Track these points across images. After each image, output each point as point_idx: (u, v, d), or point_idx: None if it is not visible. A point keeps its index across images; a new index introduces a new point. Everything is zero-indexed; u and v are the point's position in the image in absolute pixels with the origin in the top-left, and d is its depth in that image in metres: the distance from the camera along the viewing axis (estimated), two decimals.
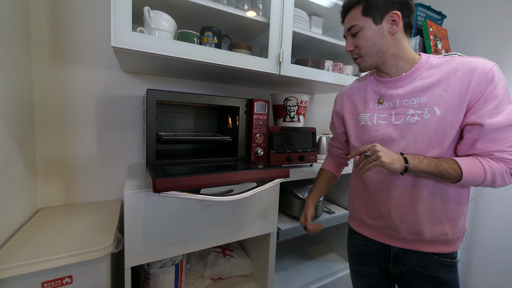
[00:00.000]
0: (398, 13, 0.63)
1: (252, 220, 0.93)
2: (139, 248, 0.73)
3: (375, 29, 0.65)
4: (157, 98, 0.80)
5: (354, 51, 0.71)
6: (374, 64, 0.70)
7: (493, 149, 0.57)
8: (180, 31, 0.87)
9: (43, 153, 0.94)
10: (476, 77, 0.57)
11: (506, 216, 1.52)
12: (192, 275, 1.07)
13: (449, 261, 0.67)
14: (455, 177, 0.58)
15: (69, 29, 0.94)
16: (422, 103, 0.64)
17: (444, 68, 0.63)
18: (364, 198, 0.78)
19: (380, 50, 0.67)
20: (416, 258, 0.70)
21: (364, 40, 0.67)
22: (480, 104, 0.57)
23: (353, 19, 0.68)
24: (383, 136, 0.69)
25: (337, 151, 0.93)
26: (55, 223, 0.83)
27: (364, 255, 0.81)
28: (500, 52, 1.53)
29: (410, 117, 0.65)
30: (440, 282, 0.67)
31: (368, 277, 0.80)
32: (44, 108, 0.93)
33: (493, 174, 0.56)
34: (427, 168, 0.59)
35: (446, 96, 0.60)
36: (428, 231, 0.66)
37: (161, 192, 0.58)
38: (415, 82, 0.65)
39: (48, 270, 0.64)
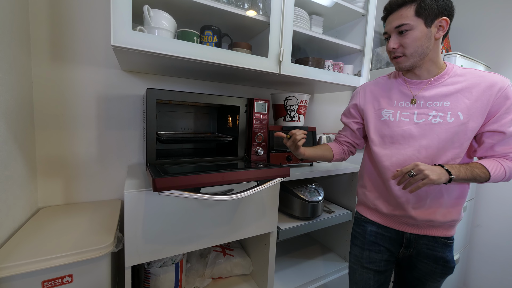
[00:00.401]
0: (447, 19, 0.68)
1: (252, 220, 0.93)
2: (139, 247, 0.73)
3: (425, 32, 0.68)
4: (157, 97, 0.79)
5: (398, 50, 0.73)
6: (413, 64, 0.73)
7: (508, 151, 0.69)
8: (180, 30, 0.87)
9: (43, 153, 0.94)
10: (495, 91, 0.67)
11: (505, 216, 1.52)
12: (192, 274, 1.07)
13: (450, 242, 0.78)
14: (485, 179, 0.68)
15: (68, 28, 0.94)
16: (445, 106, 0.71)
17: (468, 78, 0.70)
18: (380, 189, 0.84)
19: (424, 53, 0.71)
20: (426, 242, 0.79)
21: (412, 40, 0.69)
22: (502, 115, 0.67)
23: (404, 17, 0.69)
24: (403, 132, 0.76)
25: (343, 138, 0.98)
26: (55, 222, 0.83)
27: (378, 241, 0.86)
28: (501, 51, 1.53)
29: (432, 118, 0.72)
30: (444, 260, 0.78)
31: (378, 263, 0.85)
32: (44, 107, 0.93)
33: (510, 172, 0.68)
34: (465, 175, 0.67)
35: (470, 104, 0.68)
36: (440, 218, 0.75)
37: (161, 191, 0.58)
38: (441, 87, 0.72)
39: (48, 269, 0.64)
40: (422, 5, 0.66)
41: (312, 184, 1.19)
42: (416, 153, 0.74)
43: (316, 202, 1.12)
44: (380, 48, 1.61)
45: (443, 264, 0.78)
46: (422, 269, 0.81)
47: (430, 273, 0.80)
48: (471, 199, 1.57)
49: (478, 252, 1.64)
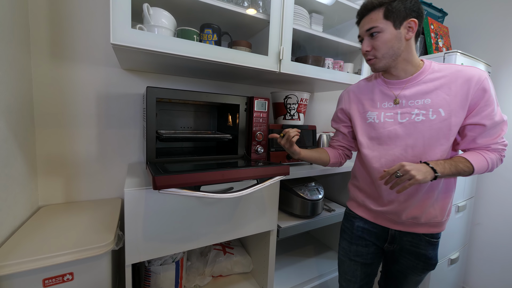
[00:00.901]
0: (416, 21, 0.70)
1: (252, 218, 0.93)
2: (140, 246, 0.73)
3: (394, 33, 0.70)
4: (157, 95, 0.79)
5: (370, 52, 0.75)
6: (387, 65, 0.75)
7: (490, 142, 0.70)
8: (179, 28, 0.87)
9: (43, 151, 0.94)
10: (473, 85, 0.68)
11: (506, 214, 1.52)
12: (192, 272, 1.07)
13: (435, 241, 0.80)
14: (469, 172, 0.69)
15: (68, 27, 0.94)
16: (426, 104, 0.72)
17: (445, 74, 0.72)
18: (369, 188, 0.85)
19: (395, 53, 0.72)
20: (410, 239, 0.81)
21: (382, 42, 0.71)
22: (481, 108, 0.68)
23: (374, 21, 0.71)
24: (389, 133, 0.77)
25: (337, 143, 0.98)
26: (56, 220, 0.83)
27: (365, 236, 0.88)
28: (501, 50, 1.52)
29: (415, 116, 0.73)
30: (425, 257, 0.80)
31: (365, 256, 0.88)
32: (44, 106, 0.93)
33: (492, 163, 0.70)
34: (450, 171, 0.68)
35: (450, 99, 0.70)
36: (424, 216, 0.76)
37: (161, 189, 0.58)
38: (420, 85, 0.74)
39: (49, 267, 0.64)
40: (390, 8, 0.69)
41: (312, 182, 1.20)
42: (403, 153, 0.75)
43: (316, 201, 1.12)
44: None
45: (424, 260, 0.80)
46: (404, 263, 0.83)
47: (411, 267, 0.82)
48: (471, 197, 1.57)
49: (478, 250, 1.64)
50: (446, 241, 1.41)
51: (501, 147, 0.71)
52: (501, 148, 0.71)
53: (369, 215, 0.87)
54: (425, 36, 1.43)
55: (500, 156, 0.71)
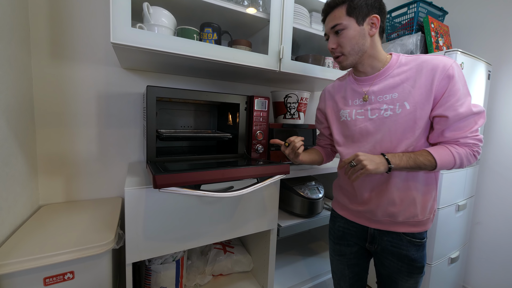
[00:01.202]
0: (378, 17, 0.71)
1: (253, 217, 0.93)
2: (140, 244, 0.73)
3: (358, 30, 0.71)
4: (157, 95, 0.79)
5: (336, 49, 0.75)
6: (354, 62, 0.75)
7: (458, 136, 0.66)
8: (179, 27, 0.87)
9: (43, 150, 0.94)
10: (438, 74, 0.65)
11: (506, 214, 1.52)
12: (193, 271, 1.08)
13: (418, 241, 0.76)
14: (431, 166, 0.66)
15: (68, 26, 0.94)
16: (394, 98, 0.71)
17: (412, 66, 0.70)
18: (347, 186, 0.85)
19: (361, 50, 0.72)
20: (390, 238, 0.78)
21: (347, 39, 0.71)
22: (445, 98, 0.65)
23: (337, 18, 0.71)
24: (361, 130, 0.77)
25: (323, 142, 0.99)
26: (57, 219, 0.84)
27: (345, 236, 0.88)
28: (502, 49, 1.52)
29: (384, 112, 0.72)
30: (408, 259, 0.76)
31: (349, 256, 0.88)
32: (44, 105, 0.93)
33: (460, 159, 0.66)
34: (407, 164, 0.67)
35: (414, 91, 0.68)
36: (401, 214, 0.74)
37: (162, 188, 0.59)
38: (388, 80, 0.72)
39: (50, 266, 0.64)
40: (352, 4, 0.69)
41: (313, 181, 1.20)
42: (372, 149, 0.75)
43: (316, 200, 1.12)
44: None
45: (408, 263, 0.75)
46: (389, 266, 0.79)
47: (396, 271, 0.78)
48: (471, 196, 1.57)
49: (478, 249, 1.64)
50: (446, 240, 1.41)
51: (472, 142, 0.66)
52: (472, 142, 0.66)
53: (348, 214, 0.86)
54: (425, 35, 1.43)
55: (472, 151, 0.67)
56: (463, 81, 0.66)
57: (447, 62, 0.66)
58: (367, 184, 0.78)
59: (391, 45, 1.52)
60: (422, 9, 1.47)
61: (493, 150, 1.58)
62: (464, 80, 0.66)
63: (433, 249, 1.34)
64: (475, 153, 0.67)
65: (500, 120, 1.55)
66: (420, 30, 1.48)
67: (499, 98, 1.56)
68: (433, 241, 1.34)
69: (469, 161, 0.67)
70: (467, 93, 0.66)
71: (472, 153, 0.67)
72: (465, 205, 1.49)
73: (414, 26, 1.47)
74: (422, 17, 1.46)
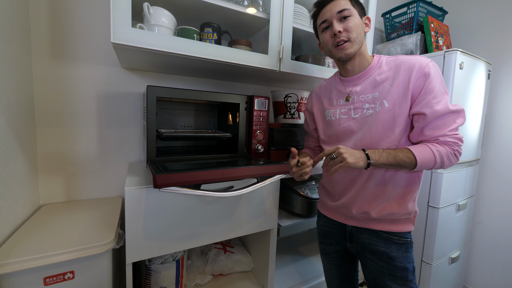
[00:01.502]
0: (370, 18, 0.76)
1: (253, 217, 0.93)
2: (140, 244, 0.74)
3: (360, 21, 0.73)
4: (157, 94, 0.79)
5: (343, 34, 0.72)
6: (355, 53, 0.73)
7: (438, 134, 0.66)
8: (179, 27, 0.87)
9: (44, 150, 0.94)
10: (415, 72, 0.67)
11: (506, 213, 1.52)
12: (193, 271, 1.08)
13: (397, 239, 0.74)
14: (411, 164, 0.65)
15: (68, 26, 0.94)
16: (375, 97, 0.72)
17: (391, 66, 0.72)
18: (327, 184, 0.87)
19: (361, 41, 0.73)
20: (367, 236, 0.77)
21: (354, 25, 0.71)
22: (422, 96, 0.66)
23: (345, 4, 0.72)
24: (344, 129, 0.78)
25: (312, 144, 0.99)
26: (57, 219, 0.84)
27: (328, 235, 0.89)
28: (502, 48, 1.52)
29: (366, 111, 0.74)
30: (387, 257, 0.74)
31: (333, 255, 0.89)
32: (44, 105, 0.93)
33: (441, 157, 0.65)
34: (387, 161, 0.66)
35: (392, 90, 0.69)
36: (376, 211, 0.74)
37: (162, 187, 0.59)
38: (370, 80, 0.74)
39: (50, 265, 0.64)
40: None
41: (313, 181, 1.20)
42: (354, 147, 0.75)
43: (316, 199, 1.12)
44: (381, 45, 1.60)
45: (387, 261, 0.73)
46: (370, 268, 0.78)
47: (378, 272, 0.76)
48: (472, 196, 1.56)
49: (479, 249, 1.64)
50: (446, 239, 1.41)
51: (451, 140, 0.65)
52: (452, 141, 0.65)
53: (328, 212, 0.88)
54: (425, 35, 1.43)
55: (452, 150, 0.66)
56: (440, 80, 0.67)
57: (423, 61, 0.67)
58: (344, 179, 0.79)
59: (391, 45, 1.52)
60: (422, 8, 1.47)
61: (493, 149, 1.58)
62: (441, 79, 0.67)
63: (434, 248, 1.35)
64: (455, 152, 0.66)
65: (500, 119, 1.55)
66: (420, 29, 1.48)
67: (499, 98, 1.56)
68: (434, 241, 1.34)
69: (450, 161, 0.66)
70: (444, 91, 0.67)
71: (452, 152, 0.66)
72: (465, 204, 1.49)
73: (414, 26, 1.47)
74: (422, 17, 1.46)
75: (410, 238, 0.75)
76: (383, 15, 1.65)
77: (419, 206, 1.37)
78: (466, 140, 1.42)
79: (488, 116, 1.58)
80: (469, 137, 1.44)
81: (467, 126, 1.40)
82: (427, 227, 1.37)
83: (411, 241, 0.75)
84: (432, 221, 1.35)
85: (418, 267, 1.41)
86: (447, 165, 0.67)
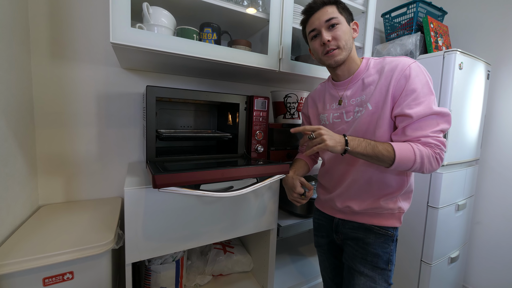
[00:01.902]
0: (358, 24, 0.78)
1: (253, 217, 0.93)
2: (140, 244, 0.73)
3: (348, 28, 0.75)
4: (157, 94, 0.79)
5: (332, 42, 0.74)
6: (344, 59, 0.75)
7: (419, 134, 0.64)
8: (179, 28, 0.87)
9: (43, 150, 0.94)
10: (396, 74, 0.67)
11: (506, 213, 1.52)
12: (192, 271, 1.08)
13: (378, 229, 0.75)
14: (389, 158, 0.64)
15: (68, 26, 0.94)
16: (362, 100, 0.73)
17: (378, 68, 0.73)
18: (322, 178, 0.90)
19: (350, 48, 0.75)
20: (350, 226, 0.81)
21: (343, 33, 0.73)
22: (403, 97, 0.66)
23: (332, 13, 0.73)
24: (338, 132, 0.78)
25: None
26: (56, 219, 0.83)
27: (320, 227, 0.93)
28: (501, 48, 1.52)
29: (356, 114, 0.75)
30: (363, 242, 0.76)
31: (324, 247, 0.93)
32: (44, 105, 0.93)
33: (421, 157, 0.63)
34: (365, 151, 0.66)
35: (375, 92, 0.70)
36: (358, 205, 0.76)
37: (161, 187, 0.58)
38: (358, 83, 0.76)
39: (49, 266, 0.64)
40: (341, 5, 0.74)
41: (312, 181, 1.20)
42: None
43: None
44: (381, 45, 1.60)
45: (362, 246, 0.76)
46: (347, 252, 0.81)
47: (352, 256, 0.78)
48: (471, 196, 1.57)
49: (478, 249, 1.64)
50: (446, 239, 1.41)
51: (433, 142, 0.63)
52: (434, 143, 0.63)
53: (320, 205, 0.92)
54: (424, 35, 1.43)
55: (434, 153, 0.63)
56: (424, 81, 0.65)
57: (406, 62, 0.67)
58: (335, 172, 0.82)
59: (390, 45, 1.52)
60: (422, 9, 1.47)
61: (492, 149, 1.59)
62: (425, 80, 0.65)
63: (433, 248, 1.35)
64: (437, 155, 0.64)
65: (500, 119, 1.55)
66: (420, 30, 1.48)
67: (498, 98, 1.56)
68: (433, 241, 1.34)
69: (430, 164, 0.64)
70: (428, 93, 0.65)
71: (434, 155, 0.63)
72: (464, 204, 1.49)
73: (414, 26, 1.47)
74: (422, 17, 1.47)
75: (392, 232, 0.76)
76: (382, 16, 1.65)
77: (419, 206, 1.38)
78: (465, 140, 1.42)
79: (487, 117, 1.58)
80: (469, 137, 1.44)
81: (467, 126, 1.40)
82: (427, 227, 1.37)
83: (393, 234, 0.76)
84: (431, 221, 1.35)
85: (417, 267, 1.41)
86: (427, 169, 0.64)
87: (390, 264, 0.76)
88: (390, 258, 0.75)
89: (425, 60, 1.36)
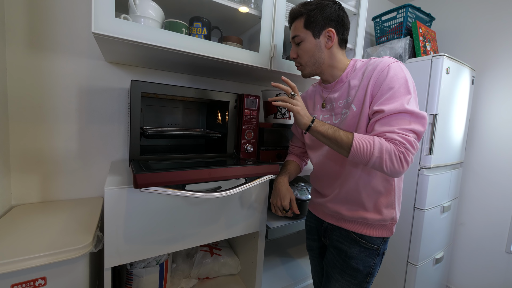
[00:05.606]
0: (333, 30, 0.72)
1: (241, 218, 0.91)
2: (120, 247, 0.69)
3: (314, 43, 0.73)
4: (142, 90, 0.76)
5: (296, 59, 0.79)
6: (312, 73, 0.79)
7: (385, 129, 0.62)
8: (167, 20, 0.83)
9: (17, 146, 0.88)
10: (375, 73, 0.66)
11: (488, 214, 1.57)
12: (178, 274, 1.04)
13: (365, 243, 0.74)
14: (347, 145, 0.63)
15: (47, 14, 0.88)
16: (348, 102, 0.73)
17: (363, 69, 0.72)
18: (314, 181, 0.90)
19: (317, 62, 0.75)
20: (338, 233, 0.80)
21: (304, 51, 0.75)
22: (378, 96, 0.65)
23: (297, 30, 0.75)
24: None
25: (298, 150, 0.99)
26: (30, 221, 0.78)
27: (311, 230, 0.93)
28: (486, 54, 1.58)
29: (343, 116, 0.75)
30: (346, 255, 0.75)
31: (315, 250, 0.92)
32: (19, 98, 0.87)
33: (380, 151, 0.59)
34: (325, 131, 0.67)
35: (358, 93, 0.70)
36: (346, 212, 0.75)
37: (143, 187, 0.55)
38: (345, 85, 0.75)
39: (19, 271, 0.59)
40: (308, 18, 0.72)
41: (302, 182, 1.18)
42: (329, 149, 0.78)
43: (305, 201, 1.10)
44: (371, 48, 1.62)
45: (344, 258, 0.75)
46: (328, 258, 0.82)
47: (332, 264, 0.79)
48: (455, 198, 1.61)
49: (461, 249, 1.69)
50: (431, 241, 1.44)
51: (398, 139, 0.59)
52: (399, 140, 0.59)
53: (312, 208, 0.92)
54: (413, 39, 1.46)
55: (398, 151, 0.59)
56: (402, 80, 0.63)
57: (386, 62, 0.66)
58: (324, 176, 0.82)
59: (380, 48, 1.54)
60: (411, 14, 1.50)
61: (475, 153, 1.63)
62: (403, 80, 0.63)
63: (419, 250, 1.37)
64: (400, 154, 0.59)
65: (483, 124, 1.60)
66: (409, 34, 1.51)
67: (482, 103, 1.61)
68: (419, 242, 1.36)
69: (391, 162, 0.59)
70: (405, 92, 0.62)
71: (396, 152, 0.59)
72: (449, 206, 1.53)
73: (403, 31, 1.50)
74: (411, 22, 1.49)
75: (379, 246, 0.74)
76: (373, 19, 1.67)
77: (405, 208, 1.40)
78: (451, 143, 1.45)
79: (471, 121, 1.63)
80: (454, 140, 1.47)
81: (452, 129, 1.43)
82: (413, 229, 1.39)
83: (379, 249, 0.74)
84: (418, 223, 1.37)
85: (403, 269, 1.43)
86: (387, 167, 0.60)
87: (370, 277, 0.75)
88: (372, 271, 0.75)
89: (413, 64, 1.38)
